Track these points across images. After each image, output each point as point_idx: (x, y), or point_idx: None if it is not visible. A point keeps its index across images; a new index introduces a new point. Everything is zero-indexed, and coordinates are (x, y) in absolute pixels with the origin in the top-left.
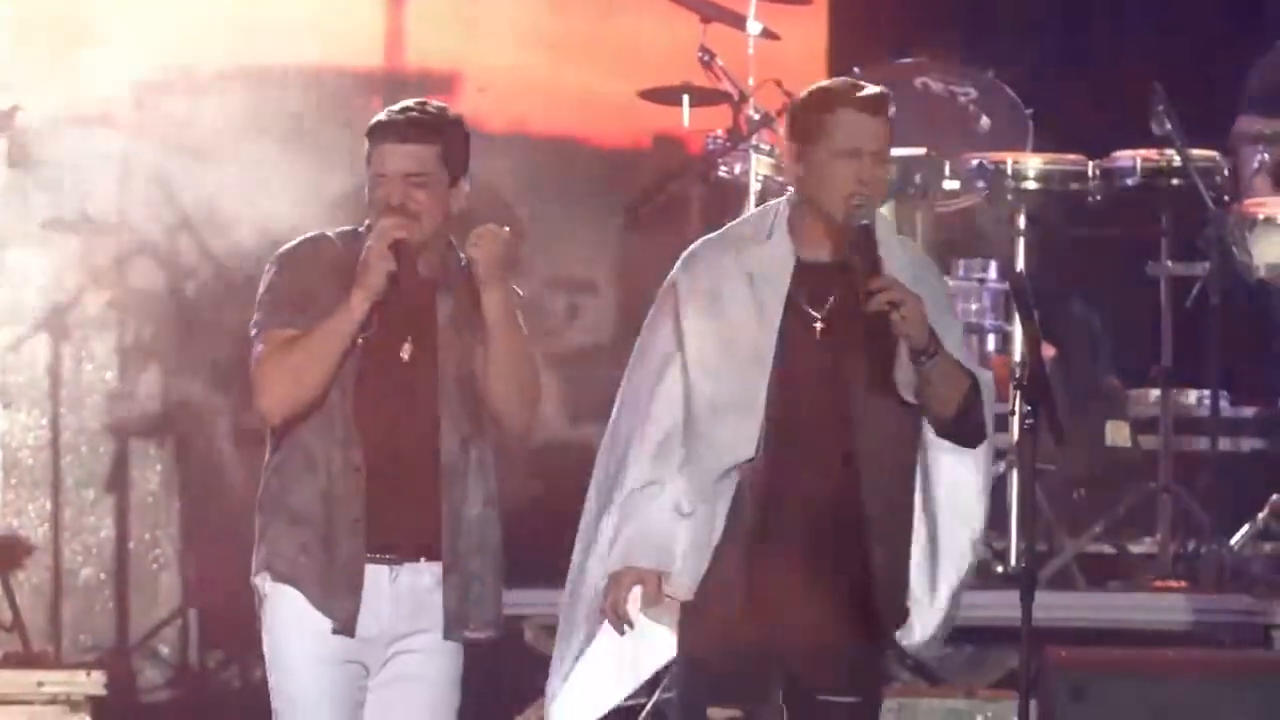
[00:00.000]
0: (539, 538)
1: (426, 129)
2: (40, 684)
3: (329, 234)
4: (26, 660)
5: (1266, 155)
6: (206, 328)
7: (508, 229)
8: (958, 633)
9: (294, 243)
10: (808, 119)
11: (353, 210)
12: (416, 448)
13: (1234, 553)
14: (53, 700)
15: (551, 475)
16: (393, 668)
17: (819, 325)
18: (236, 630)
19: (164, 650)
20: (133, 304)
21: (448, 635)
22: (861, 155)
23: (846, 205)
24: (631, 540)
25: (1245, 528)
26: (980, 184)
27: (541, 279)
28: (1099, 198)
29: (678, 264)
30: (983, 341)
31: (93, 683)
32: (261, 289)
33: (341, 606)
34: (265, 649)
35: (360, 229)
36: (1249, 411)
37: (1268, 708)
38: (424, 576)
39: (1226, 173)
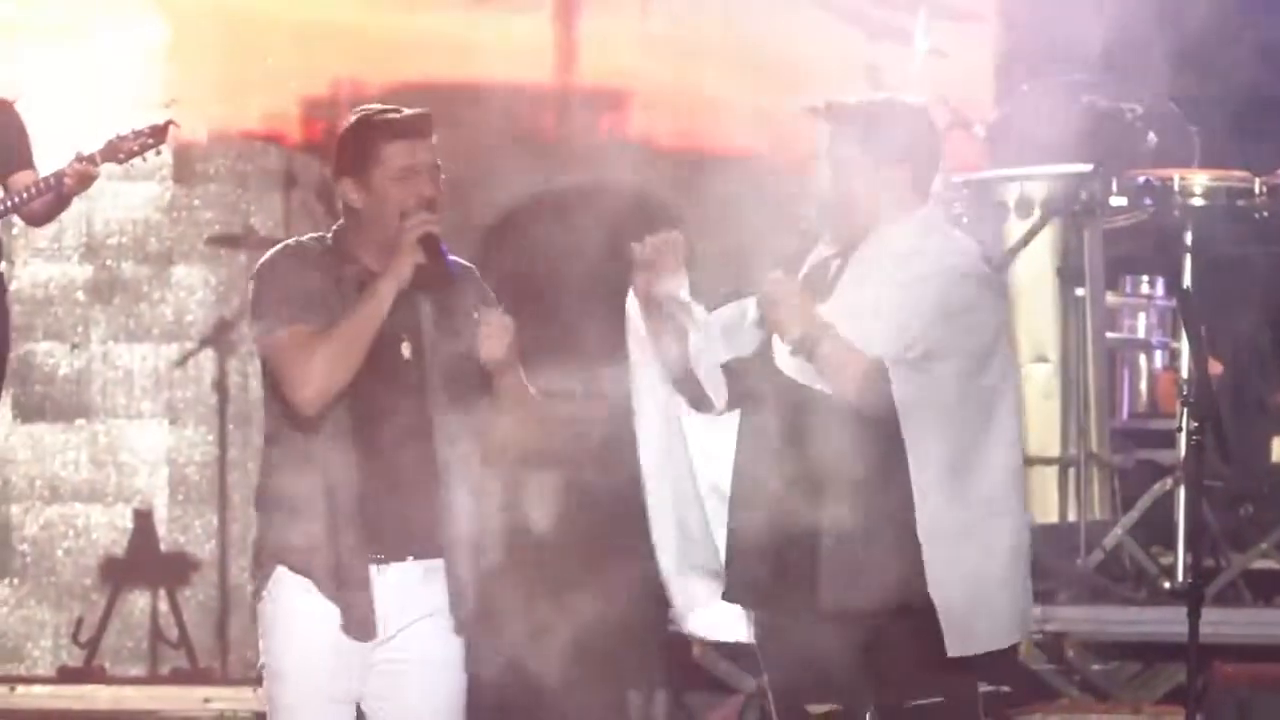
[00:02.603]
0: None
1: (430, 124)
2: (207, 700)
3: (299, 238)
4: (193, 677)
5: None
6: None
7: (508, 317)
8: (1124, 648)
9: (275, 250)
10: None
11: (518, 226)
12: (410, 445)
13: None
14: (219, 717)
15: None
16: (387, 656)
17: None
18: None
19: None
20: None
21: (453, 628)
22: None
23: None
24: None
25: None
26: (1147, 200)
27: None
28: (1266, 214)
29: None
30: (1150, 358)
31: (259, 699)
32: (257, 295)
33: (355, 602)
34: (265, 638)
35: (327, 236)
36: None
37: None
38: (411, 572)
39: None
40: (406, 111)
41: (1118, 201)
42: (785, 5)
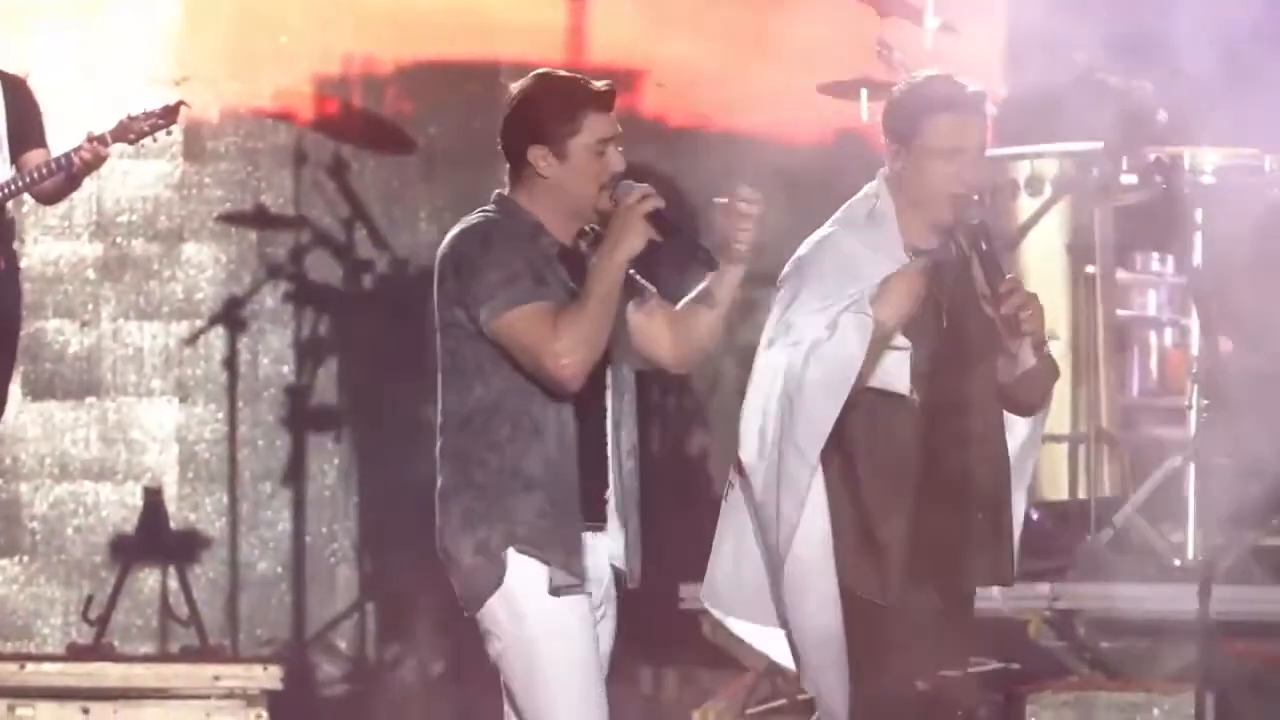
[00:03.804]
0: None
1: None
2: (217, 678)
3: (487, 214)
4: (203, 654)
5: None
6: (383, 320)
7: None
8: (1135, 626)
9: (473, 223)
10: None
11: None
12: (599, 411)
13: None
14: (229, 694)
15: None
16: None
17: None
18: (414, 624)
19: (341, 644)
20: (309, 297)
21: (621, 586)
22: (959, 156)
23: (953, 204)
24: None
25: None
26: (1158, 178)
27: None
28: (1277, 191)
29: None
30: (1160, 335)
31: (269, 677)
32: (477, 275)
33: (578, 564)
34: (518, 619)
35: (495, 206)
36: None
37: None
38: (617, 540)
39: None
40: (597, 83)
41: (1128, 179)
42: None
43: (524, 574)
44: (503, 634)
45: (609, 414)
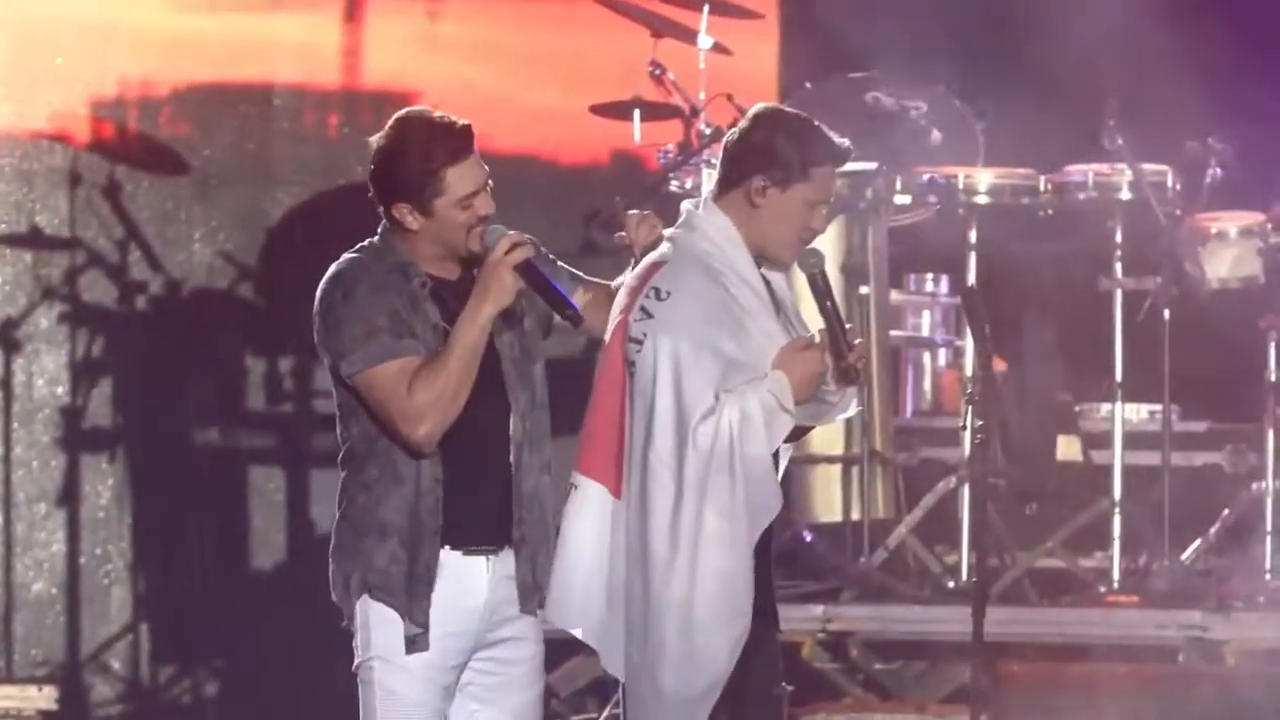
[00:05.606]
0: None
1: (473, 134)
2: None
3: (357, 256)
4: None
5: (1219, 171)
6: (158, 342)
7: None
8: (909, 647)
9: (341, 269)
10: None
11: (304, 226)
12: (490, 440)
13: (1185, 567)
14: (4, 715)
15: None
16: (489, 655)
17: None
18: (188, 645)
19: (115, 665)
20: (84, 318)
21: (524, 608)
22: (819, 208)
23: (798, 251)
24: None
25: (1197, 542)
26: (932, 198)
27: None
28: (1051, 212)
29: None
30: (934, 356)
31: (44, 697)
32: (338, 327)
33: (420, 610)
34: (369, 663)
35: (375, 241)
36: (1200, 426)
37: None
38: (509, 563)
39: (1178, 187)
40: (454, 123)
41: (902, 199)
42: (570, 3)
43: (373, 615)
44: (355, 656)
45: (511, 436)
